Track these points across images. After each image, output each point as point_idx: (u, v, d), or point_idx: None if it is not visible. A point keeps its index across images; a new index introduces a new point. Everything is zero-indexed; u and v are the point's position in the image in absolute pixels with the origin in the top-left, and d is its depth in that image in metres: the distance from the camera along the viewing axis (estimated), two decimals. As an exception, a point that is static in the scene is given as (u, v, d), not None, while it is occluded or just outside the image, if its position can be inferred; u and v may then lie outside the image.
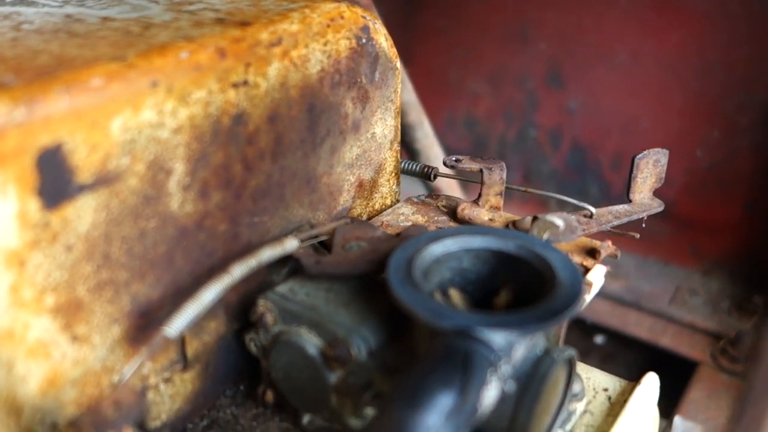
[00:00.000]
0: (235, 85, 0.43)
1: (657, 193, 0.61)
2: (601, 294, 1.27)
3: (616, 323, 1.18)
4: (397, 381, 0.38)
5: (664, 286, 1.23)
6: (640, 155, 0.59)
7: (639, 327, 1.16)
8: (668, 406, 1.07)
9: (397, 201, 0.63)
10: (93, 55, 0.39)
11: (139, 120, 0.38)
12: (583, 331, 1.24)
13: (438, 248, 0.45)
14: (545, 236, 0.49)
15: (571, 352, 0.43)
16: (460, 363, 0.35)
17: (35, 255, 0.35)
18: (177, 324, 0.40)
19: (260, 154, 0.46)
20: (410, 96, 0.85)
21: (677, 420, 0.99)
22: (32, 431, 0.38)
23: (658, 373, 0.55)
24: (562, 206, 0.59)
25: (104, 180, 0.37)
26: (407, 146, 0.93)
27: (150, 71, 0.39)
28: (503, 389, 0.36)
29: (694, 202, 1.27)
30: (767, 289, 1.19)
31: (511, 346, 0.38)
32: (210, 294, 0.42)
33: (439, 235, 0.46)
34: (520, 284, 0.45)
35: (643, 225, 0.59)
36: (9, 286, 0.34)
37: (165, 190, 0.41)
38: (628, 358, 1.22)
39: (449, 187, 0.97)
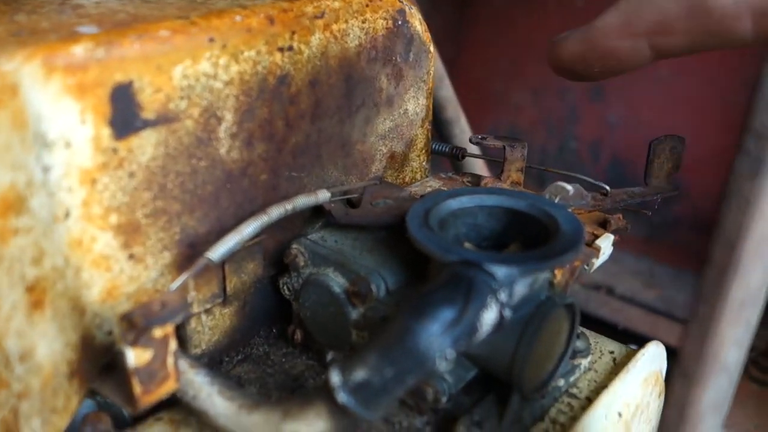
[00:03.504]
0: (281, 49, 0.49)
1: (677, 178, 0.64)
2: (635, 302, 1.28)
3: (647, 330, 1.19)
4: (408, 295, 0.43)
5: (699, 298, 1.24)
6: (656, 140, 0.62)
7: (669, 334, 1.17)
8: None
9: (426, 177, 0.68)
10: (162, 14, 0.45)
11: (197, 69, 0.44)
12: (614, 336, 1.25)
13: (454, 203, 0.50)
14: (556, 200, 0.53)
15: (573, 299, 0.47)
16: (464, 286, 0.40)
17: (103, 177, 0.41)
18: (218, 251, 0.46)
19: (301, 114, 0.52)
20: (448, 92, 0.91)
21: (702, 424, 1.00)
22: (91, 334, 0.44)
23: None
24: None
25: (164, 119, 0.43)
26: (445, 142, 0.98)
27: (208, 29, 0.45)
28: (502, 315, 0.41)
29: (731, 216, 1.28)
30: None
31: (512, 281, 0.42)
32: (249, 229, 0.47)
33: (457, 192, 0.51)
34: (529, 239, 0.49)
35: (656, 207, 0.63)
36: (82, 200, 0.41)
37: (215, 135, 0.47)
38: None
39: (477, 169, 1.01)
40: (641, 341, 1.27)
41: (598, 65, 0.51)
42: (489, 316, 0.40)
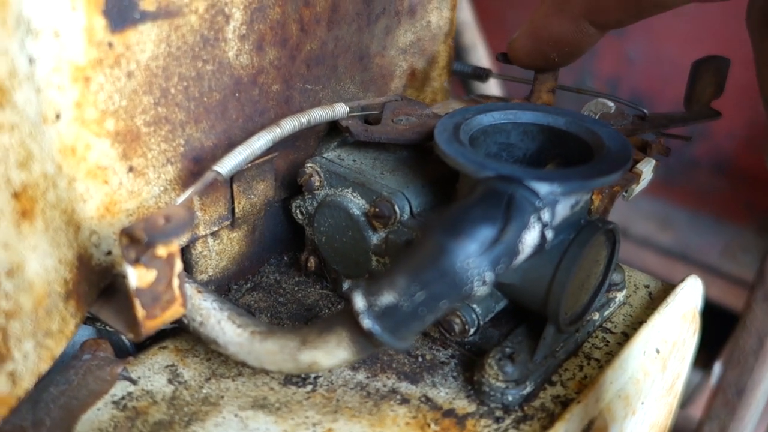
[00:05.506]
0: (296, -59, 0.44)
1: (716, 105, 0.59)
2: (650, 245, 1.25)
3: (663, 273, 1.16)
4: (437, 215, 0.38)
5: (715, 241, 1.21)
6: (699, 60, 0.57)
7: (685, 278, 1.14)
8: (711, 354, 1.05)
9: (448, 99, 0.63)
10: None
11: (203, -43, 0.39)
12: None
13: (486, 119, 0.45)
14: (597, 117, 0.48)
15: (615, 224, 0.43)
16: (504, 202, 0.36)
17: (98, 75, 0.37)
18: (227, 164, 0.41)
19: (316, 18, 0.47)
20: (466, 15, 0.84)
21: (717, 366, 0.98)
22: (89, 252, 0.40)
23: (702, 324, 0.54)
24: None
25: (166, 12, 0.38)
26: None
27: None
28: (544, 236, 0.37)
29: (753, 157, 1.23)
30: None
31: (555, 200, 0.38)
32: (260, 142, 0.43)
33: (488, 108, 0.46)
34: (568, 160, 0.45)
35: (690, 137, 0.58)
36: (74, 101, 0.36)
37: (223, 36, 0.42)
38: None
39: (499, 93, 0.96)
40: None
41: (554, 54, 0.51)
42: (531, 237, 0.36)
